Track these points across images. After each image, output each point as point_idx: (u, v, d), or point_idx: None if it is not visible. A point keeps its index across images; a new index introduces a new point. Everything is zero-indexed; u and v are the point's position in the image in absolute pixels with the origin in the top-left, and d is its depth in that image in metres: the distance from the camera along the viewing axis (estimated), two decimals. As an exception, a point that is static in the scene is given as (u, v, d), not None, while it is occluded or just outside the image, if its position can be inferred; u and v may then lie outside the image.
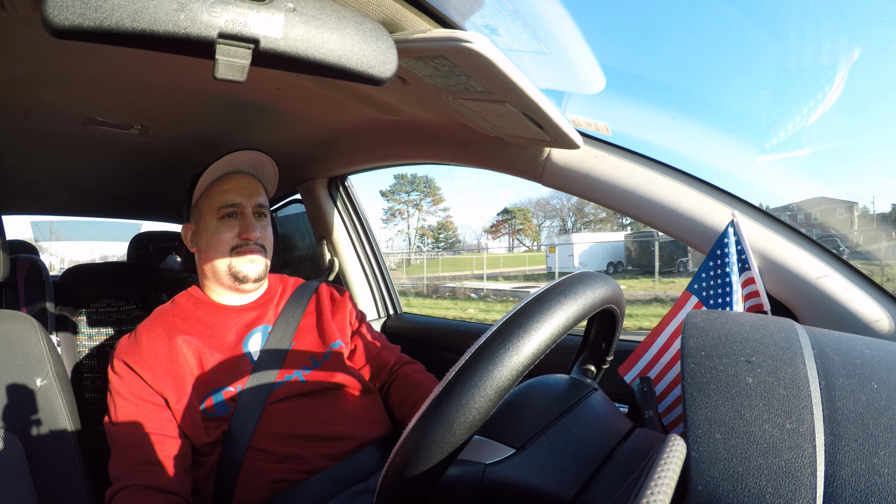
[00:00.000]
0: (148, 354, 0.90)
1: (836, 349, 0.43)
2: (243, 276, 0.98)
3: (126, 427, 0.85)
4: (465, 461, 0.47)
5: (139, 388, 0.88)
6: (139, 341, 0.92)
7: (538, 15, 0.81)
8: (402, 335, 1.60)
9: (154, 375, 0.88)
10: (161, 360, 0.89)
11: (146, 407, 0.87)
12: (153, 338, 0.92)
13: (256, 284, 1.02)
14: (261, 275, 1.01)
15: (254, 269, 0.99)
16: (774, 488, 0.33)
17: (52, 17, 0.48)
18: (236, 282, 0.99)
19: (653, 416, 0.73)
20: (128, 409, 0.87)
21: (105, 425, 0.87)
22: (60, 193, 1.95)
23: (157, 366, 0.89)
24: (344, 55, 0.62)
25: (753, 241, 0.86)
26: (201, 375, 0.90)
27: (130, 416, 0.86)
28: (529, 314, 0.42)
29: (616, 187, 0.94)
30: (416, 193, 42.73)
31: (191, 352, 0.91)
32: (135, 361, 0.89)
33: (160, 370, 0.88)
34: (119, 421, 0.86)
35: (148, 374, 0.88)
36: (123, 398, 0.87)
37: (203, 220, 1.00)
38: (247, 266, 0.98)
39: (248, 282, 0.99)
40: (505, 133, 0.99)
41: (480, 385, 0.39)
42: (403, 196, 42.82)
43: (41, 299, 1.47)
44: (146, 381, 0.88)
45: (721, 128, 35.52)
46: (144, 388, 0.88)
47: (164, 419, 0.87)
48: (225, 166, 0.99)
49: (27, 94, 1.03)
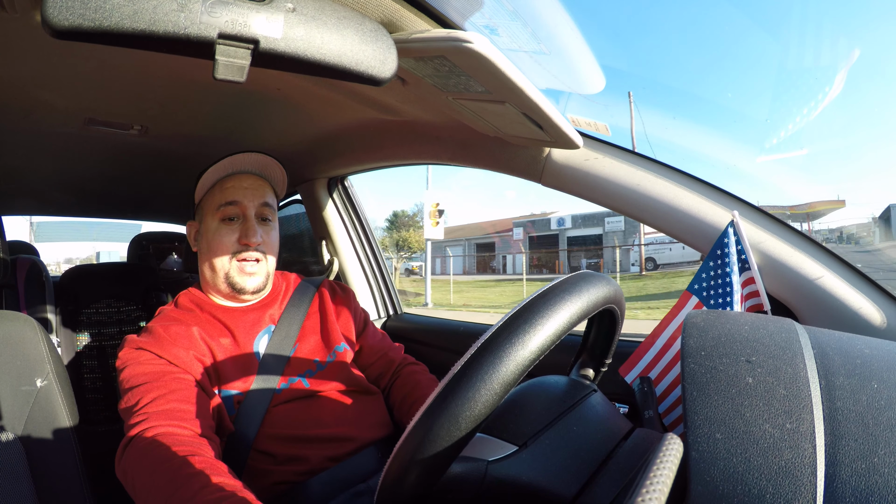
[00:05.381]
0: (164, 338, 0.86)
1: (836, 349, 0.43)
2: (240, 287, 0.96)
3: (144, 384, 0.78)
4: (467, 458, 0.47)
5: (156, 360, 0.83)
6: (153, 331, 0.88)
7: (538, 15, 0.81)
8: (402, 335, 1.59)
9: (172, 354, 0.84)
10: (179, 341, 0.86)
11: (166, 367, 0.82)
12: (168, 326, 0.89)
13: (255, 295, 1.00)
14: (259, 286, 0.98)
15: (252, 282, 0.97)
16: (774, 488, 0.33)
17: (52, 17, 0.48)
18: (234, 291, 0.97)
19: (653, 416, 0.73)
20: (145, 372, 0.80)
21: (121, 411, 0.80)
22: (60, 194, 1.95)
23: (176, 345, 0.85)
24: (344, 55, 0.62)
25: (753, 241, 0.86)
26: (215, 368, 0.88)
27: (148, 378, 0.80)
28: (535, 310, 0.42)
29: (616, 187, 0.94)
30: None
31: (206, 342, 0.89)
32: (150, 344, 0.85)
33: (179, 348, 0.85)
34: (135, 384, 0.79)
35: (166, 352, 0.83)
36: (140, 364, 0.82)
37: (205, 221, 0.98)
38: (244, 279, 0.96)
39: (245, 293, 0.97)
40: (505, 133, 0.99)
41: (486, 379, 0.39)
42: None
43: (41, 300, 1.47)
44: (164, 357, 0.83)
45: (721, 128, 35.19)
46: (161, 360, 0.83)
47: (185, 380, 0.81)
48: (229, 167, 0.97)
49: (27, 94, 1.03)
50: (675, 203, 0.90)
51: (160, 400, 0.76)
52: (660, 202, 0.91)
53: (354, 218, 1.74)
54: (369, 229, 1.76)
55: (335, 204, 1.70)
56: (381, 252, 1.79)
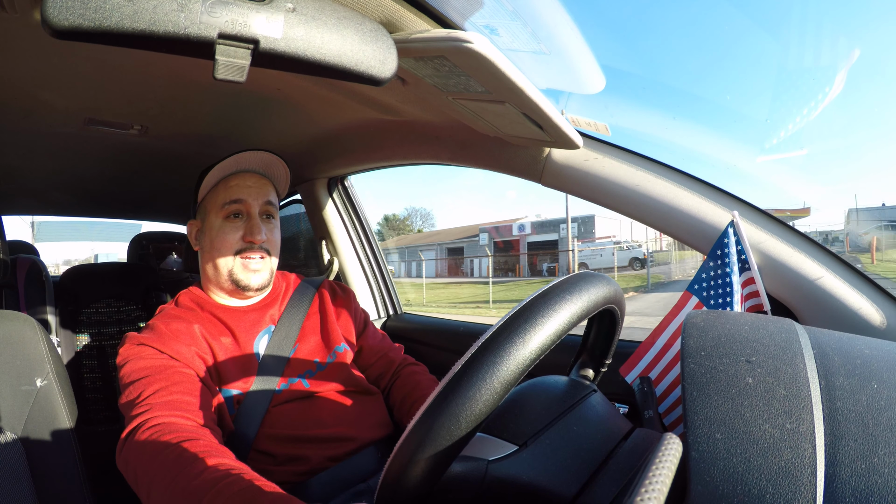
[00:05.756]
0: (166, 334, 0.86)
1: (836, 349, 0.43)
2: (244, 284, 0.96)
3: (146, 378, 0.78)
4: (468, 457, 0.47)
5: (158, 354, 0.83)
6: (155, 327, 0.88)
7: (538, 15, 0.81)
8: (402, 335, 1.59)
9: (174, 349, 0.83)
10: (181, 337, 0.86)
11: (168, 361, 0.82)
12: (169, 322, 0.89)
13: (258, 293, 1.00)
14: (264, 283, 0.99)
15: (256, 278, 0.97)
16: (774, 488, 0.33)
17: (52, 17, 0.48)
18: (237, 289, 0.97)
19: (653, 416, 0.73)
20: (146, 366, 0.80)
21: (122, 406, 0.79)
22: (60, 193, 1.95)
23: (178, 341, 0.85)
24: (344, 55, 0.62)
25: (753, 241, 0.86)
26: (215, 367, 0.88)
27: (150, 371, 0.79)
28: (535, 309, 0.42)
29: (616, 187, 0.94)
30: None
31: (206, 340, 0.89)
32: (151, 340, 0.84)
33: (181, 344, 0.85)
34: (137, 378, 0.78)
35: (168, 347, 0.83)
36: (141, 359, 0.81)
37: (208, 219, 0.98)
38: (248, 276, 0.96)
39: (250, 290, 0.97)
40: (505, 133, 0.99)
41: (487, 378, 0.39)
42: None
43: (41, 300, 1.48)
44: (165, 352, 0.83)
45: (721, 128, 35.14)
46: (163, 355, 0.83)
47: (187, 374, 0.81)
48: (233, 165, 0.97)
49: (27, 94, 1.03)
50: (675, 203, 0.90)
51: (162, 392, 0.76)
52: (660, 202, 0.91)
53: (354, 218, 1.74)
54: (369, 229, 1.76)
55: (335, 204, 1.70)
56: (381, 252, 1.79)
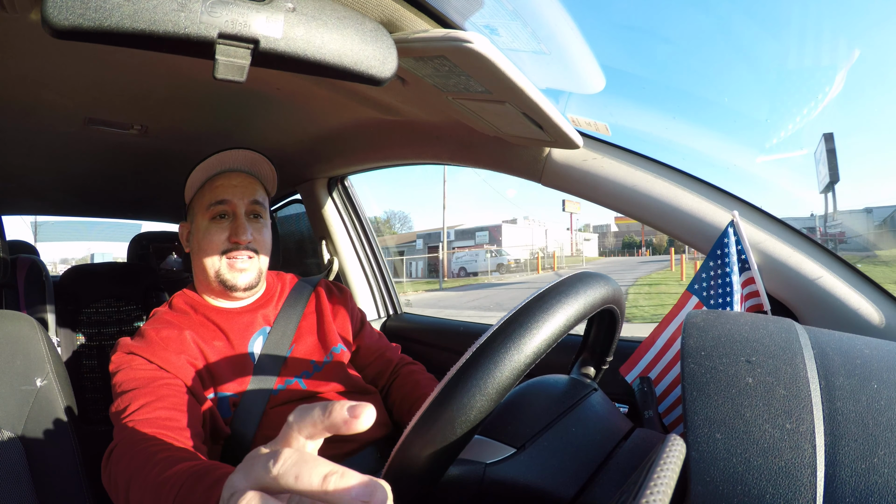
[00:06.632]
0: (156, 343, 0.86)
1: (836, 349, 0.43)
2: (231, 285, 0.95)
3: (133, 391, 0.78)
4: (465, 461, 0.47)
5: (147, 365, 0.83)
6: (146, 334, 0.88)
7: (538, 15, 0.81)
8: (402, 335, 1.59)
9: (164, 359, 0.83)
10: (171, 345, 0.86)
11: (156, 373, 0.81)
12: (160, 329, 0.88)
13: (247, 293, 0.99)
14: (251, 283, 0.97)
15: (243, 278, 0.95)
16: (774, 488, 0.33)
17: (52, 17, 0.48)
18: (225, 289, 0.96)
19: (653, 416, 0.73)
20: (135, 377, 0.80)
21: (111, 416, 0.79)
22: (60, 193, 1.95)
23: (167, 350, 0.85)
24: (344, 55, 0.62)
25: (753, 241, 0.86)
26: (208, 371, 0.88)
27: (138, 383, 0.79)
28: (531, 313, 0.42)
29: (616, 187, 0.94)
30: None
31: (198, 346, 0.89)
32: (141, 349, 0.84)
33: (171, 353, 0.84)
34: (125, 389, 0.78)
35: (157, 357, 0.83)
36: (130, 370, 0.81)
37: (196, 221, 0.97)
38: (235, 275, 0.95)
39: (238, 290, 0.96)
40: (505, 133, 0.98)
41: (481, 384, 0.39)
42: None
43: (41, 299, 1.47)
44: (154, 362, 0.83)
45: (721, 128, 35.19)
46: (152, 366, 0.83)
47: (175, 386, 0.80)
48: (217, 164, 0.96)
49: (27, 94, 1.03)
50: (676, 203, 0.90)
51: (147, 408, 0.75)
52: (660, 202, 0.91)
53: (354, 218, 1.74)
54: (369, 229, 1.76)
55: (335, 204, 1.70)
56: (381, 252, 1.79)
